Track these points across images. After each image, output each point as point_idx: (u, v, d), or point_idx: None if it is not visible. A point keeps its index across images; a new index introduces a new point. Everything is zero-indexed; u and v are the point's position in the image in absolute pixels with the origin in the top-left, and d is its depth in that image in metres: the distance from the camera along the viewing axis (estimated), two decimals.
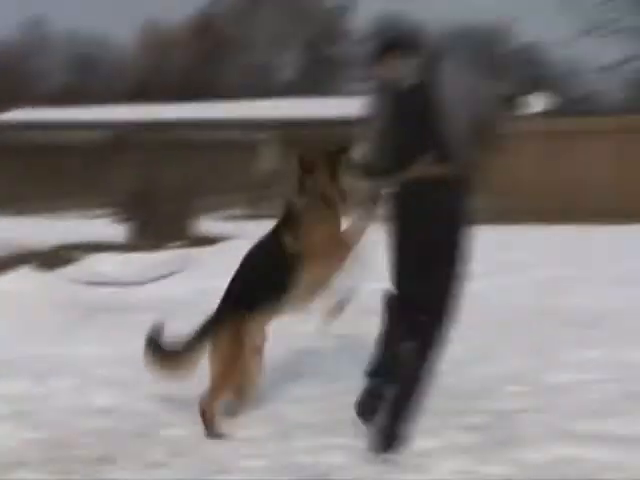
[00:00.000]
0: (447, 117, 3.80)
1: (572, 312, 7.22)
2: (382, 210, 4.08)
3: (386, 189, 4.01)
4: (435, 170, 3.82)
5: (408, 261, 3.97)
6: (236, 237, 14.30)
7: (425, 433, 4.08)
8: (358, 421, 4.10)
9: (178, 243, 13.04)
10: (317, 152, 4.39)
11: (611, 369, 5.35)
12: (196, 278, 9.72)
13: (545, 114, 21.22)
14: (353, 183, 4.30)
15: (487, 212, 6.40)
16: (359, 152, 4.11)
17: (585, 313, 7.20)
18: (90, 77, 51.79)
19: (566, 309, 7.42)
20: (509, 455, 3.86)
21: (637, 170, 16.47)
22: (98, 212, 19.81)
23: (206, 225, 15.12)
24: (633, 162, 16.53)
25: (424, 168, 3.81)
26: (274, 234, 4.36)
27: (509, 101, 19.94)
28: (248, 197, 20.50)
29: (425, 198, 3.85)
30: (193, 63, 62.12)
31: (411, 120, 3.87)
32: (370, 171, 4.08)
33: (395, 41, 4.00)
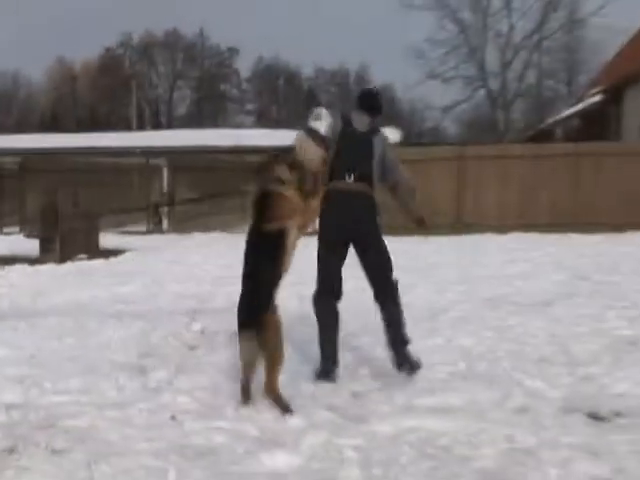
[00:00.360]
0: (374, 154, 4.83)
1: (420, 308, 7.39)
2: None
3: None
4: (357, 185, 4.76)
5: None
6: (134, 249, 14.08)
7: (294, 411, 4.15)
8: (238, 406, 4.19)
9: (83, 256, 12.70)
10: (268, 157, 4.70)
11: (450, 353, 5.54)
12: (102, 285, 9.47)
13: (396, 144, 21.80)
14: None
15: None
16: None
17: (429, 308, 7.40)
18: (3, 110, 49.57)
19: (415, 306, 7.59)
20: (362, 429, 3.93)
21: (470, 189, 17.19)
22: (13, 229, 19.24)
23: (108, 240, 14.77)
24: (468, 183, 17.24)
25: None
26: (256, 227, 4.35)
27: None
28: (145, 215, 20.16)
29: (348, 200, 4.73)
30: (98, 97, 60.32)
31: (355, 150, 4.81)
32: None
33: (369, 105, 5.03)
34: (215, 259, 12.46)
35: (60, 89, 60.38)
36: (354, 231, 4.77)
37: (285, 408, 4.13)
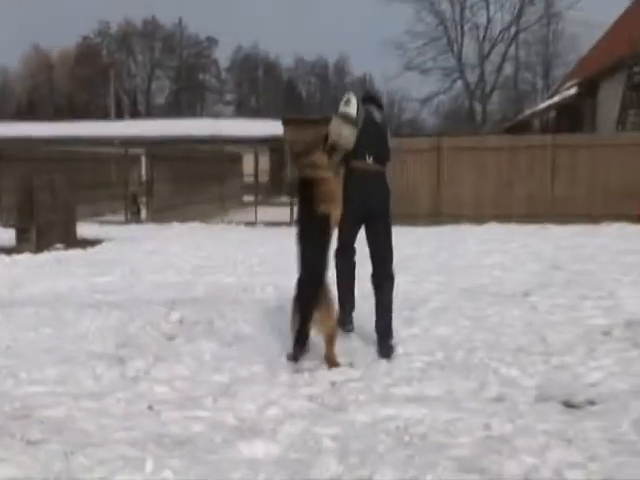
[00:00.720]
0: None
1: (399, 299, 7.39)
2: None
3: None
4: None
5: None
6: (112, 239, 13.95)
7: (271, 403, 4.15)
8: (216, 396, 4.19)
9: (62, 245, 12.56)
10: (306, 144, 5.24)
11: (428, 343, 5.56)
12: (79, 275, 9.38)
13: None
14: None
15: None
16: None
17: (407, 299, 7.40)
18: None
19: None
20: (340, 418, 3.94)
21: (447, 180, 17.24)
22: None
23: (86, 229, 14.63)
24: (445, 174, 17.29)
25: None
26: (308, 211, 4.89)
27: None
28: (123, 204, 20.00)
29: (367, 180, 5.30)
30: (76, 86, 59.66)
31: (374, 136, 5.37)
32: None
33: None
34: (194, 249, 12.39)
35: (37, 77, 59.64)
36: (372, 205, 5.31)
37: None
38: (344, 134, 5.21)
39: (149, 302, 7.24)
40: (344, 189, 5.20)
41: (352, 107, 5.24)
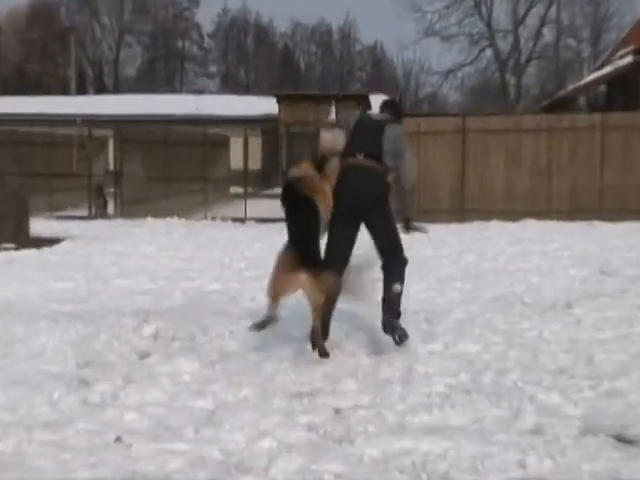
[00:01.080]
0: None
1: (416, 309, 7.36)
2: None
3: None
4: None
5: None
6: (73, 237, 13.97)
7: (263, 434, 4.14)
8: (198, 425, 4.20)
9: (13, 245, 12.57)
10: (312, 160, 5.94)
11: (451, 362, 5.55)
12: (33, 280, 9.39)
13: None
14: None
15: None
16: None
17: (426, 309, 7.39)
18: None
19: (409, 307, 7.59)
20: (345, 452, 3.93)
21: (474, 168, 17.25)
22: None
23: (41, 226, 14.65)
24: (471, 161, 17.29)
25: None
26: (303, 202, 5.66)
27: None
28: (87, 197, 20.02)
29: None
30: (27, 54, 59.66)
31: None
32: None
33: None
34: (172, 250, 12.40)
35: None
36: (364, 199, 5.91)
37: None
38: (323, 138, 6.16)
39: (117, 313, 7.25)
40: (336, 185, 5.87)
41: (331, 115, 6.17)
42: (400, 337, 5.83)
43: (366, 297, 5.89)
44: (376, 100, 23.08)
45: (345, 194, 5.86)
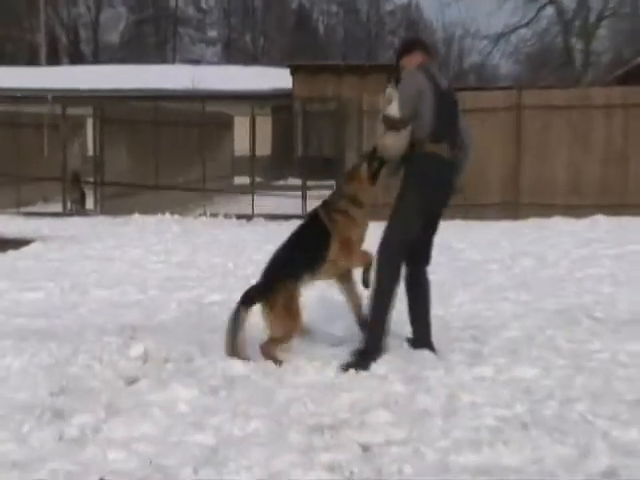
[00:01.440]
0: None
1: (459, 325, 7.40)
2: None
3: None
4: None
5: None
6: (44, 238, 14.04)
7: (276, 475, 4.16)
8: (197, 465, 4.19)
9: None
10: (356, 165, 6.47)
11: (503, 390, 5.53)
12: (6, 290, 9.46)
13: None
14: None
15: None
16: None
17: (473, 325, 7.39)
18: None
19: (451, 321, 7.59)
20: None
21: (531, 153, 17.20)
22: None
23: (5, 224, 14.74)
24: (528, 144, 17.25)
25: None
26: (316, 219, 6.39)
27: None
28: (60, 189, 20.10)
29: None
30: None
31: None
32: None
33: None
34: (164, 253, 12.44)
35: None
36: (447, 202, 6.41)
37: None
38: (384, 144, 6.07)
39: (98, 329, 7.28)
40: (417, 174, 6.11)
41: (390, 106, 5.91)
42: (348, 364, 5.94)
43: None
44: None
45: (436, 197, 6.25)
